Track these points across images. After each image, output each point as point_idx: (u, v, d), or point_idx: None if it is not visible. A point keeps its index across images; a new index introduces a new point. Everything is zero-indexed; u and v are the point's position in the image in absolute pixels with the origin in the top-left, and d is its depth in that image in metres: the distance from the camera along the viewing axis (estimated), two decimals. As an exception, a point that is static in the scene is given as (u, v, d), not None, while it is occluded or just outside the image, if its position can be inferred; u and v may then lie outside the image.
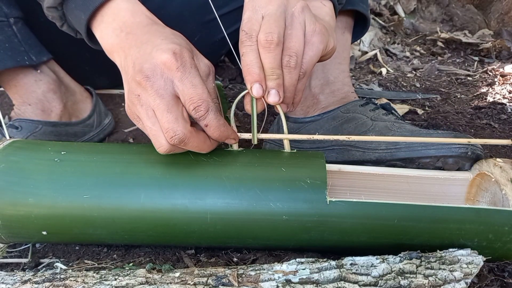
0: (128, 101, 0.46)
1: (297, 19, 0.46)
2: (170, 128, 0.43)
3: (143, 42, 0.45)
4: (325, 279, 0.40)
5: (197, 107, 0.43)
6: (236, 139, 0.49)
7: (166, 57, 0.43)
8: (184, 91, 0.43)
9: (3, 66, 0.65)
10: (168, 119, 0.43)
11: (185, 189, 0.46)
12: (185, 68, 0.43)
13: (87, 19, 0.48)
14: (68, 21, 0.52)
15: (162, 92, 0.43)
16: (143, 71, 0.43)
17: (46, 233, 0.48)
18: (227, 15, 0.76)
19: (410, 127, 0.63)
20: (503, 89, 1.15)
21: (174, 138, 0.43)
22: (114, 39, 0.48)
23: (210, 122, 0.45)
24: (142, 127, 0.46)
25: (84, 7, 0.48)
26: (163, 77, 0.43)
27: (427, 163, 0.58)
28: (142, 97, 0.44)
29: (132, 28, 0.47)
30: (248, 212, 0.46)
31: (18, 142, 0.51)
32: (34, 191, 0.46)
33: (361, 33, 0.78)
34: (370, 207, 0.46)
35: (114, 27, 0.48)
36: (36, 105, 0.71)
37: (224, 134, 0.47)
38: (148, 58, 0.43)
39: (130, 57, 0.45)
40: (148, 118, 0.44)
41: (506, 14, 1.70)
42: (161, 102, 0.43)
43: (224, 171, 0.47)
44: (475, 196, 0.55)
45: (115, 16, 0.48)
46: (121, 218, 0.46)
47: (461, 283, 0.39)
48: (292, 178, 0.46)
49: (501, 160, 0.51)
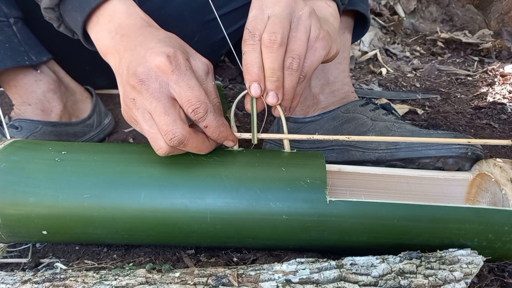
0: (124, 105, 0.45)
1: (303, 23, 0.46)
2: (169, 130, 0.43)
3: (137, 44, 0.45)
4: (325, 279, 0.40)
5: (196, 109, 0.43)
6: (234, 141, 0.49)
7: (160, 60, 0.42)
8: (181, 94, 0.43)
9: (3, 66, 0.65)
10: (167, 121, 0.43)
11: (185, 188, 0.46)
12: (180, 71, 0.43)
13: (83, 21, 0.48)
14: (65, 22, 0.52)
15: (158, 95, 0.43)
16: (137, 74, 0.43)
17: (46, 232, 0.48)
18: (227, 15, 0.76)
19: (410, 127, 0.63)
20: (503, 89, 1.15)
21: (173, 140, 0.43)
22: (109, 41, 0.47)
23: (210, 123, 0.45)
24: (140, 130, 0.46)
25: (80, 8, 0.48)
26: (158, 80, 0.43)
27: (427, 164, 0.58)
28: (137, 100, 0.43)
29: (126, 30, 0.47)
30: (248, 211, 0.46)
31: (19, 142, 0.51)
32: (35, 190, 0.46)
33: (361, 33, 0.78)
34: (370, 207, 0.46)
35: (109, 28, 0.47)
36: (36, 105, 0.71)
37: (223, 134, 0.47)
38: (142, 61, 0.43)
39: (124, 60, 0.45)
40: (145, 121, 0.44)
41: (506, 14, 1.70)
42: (158, 104, 0.42)
43: (224, 171, 0.47)
44: (475, 197, 0.55)
45: (111, 18, 0.48)
46: (121, 218, 0.46)
47: (461, 283, 0.39)
48: (292, 178, 0.46)
49: (501, 160, 0.51)
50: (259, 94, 0.46)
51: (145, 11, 0.50)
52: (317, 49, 0.47)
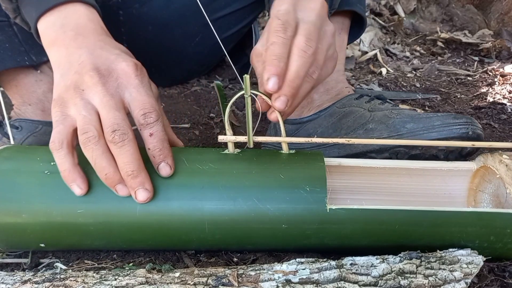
0: (62, 93, 0.43)
1: (327, 39, 0.47)
2: (116, 123, 0.41)
3: (97, 47, 0.45)
4: (325, 279, 0.40)
5: (148, 113, 0.43)
6: (164, 174, 0.45)
7: (127, 65, 0.43)
8: (137, 98, 0.43)
9: (3, 67, 0.65)
10: (116, 115, 0.42)
11: (182, 200, 0.45)
12: (143, 79, 0.44)
13: (37, 16, 0.48)
14: (21, 14, 0.52)
15: (112, 92, 0.43)
16: (99, 69, 0.42)
17: (43, 245, 0.48)
18: (228, 16, 0.76)
19: (409, 112, 0.63)
20: (503, 89, 1.15)
21: (116, 132, 0.41)
22: (60, 35, 0.46)
23: (157, 132, 0.43)
24: (62, 119, 0.43)
25: (37, 4, 0.47)
26: (117, 81, 0.43)
27: (430, 147, 0.58)
28: (86, 92, 0.42)
29: (84, 31, 0.47)
30: (247, 221, 0.45)
31: (6, 151, 0.49)
32: (27, 206, 0.45)
33: (358, 34, 0.78)
34: (370, 213, 0.45)
35: (63, 23, 0.47)
36: (36, 105, 0.71)
37: (165, 152, 0.44)
38: (106, 61, 0.43)
39: (77, 56, 0.44)
40: (85, 109, 0.42)
41: (506, 14, 1.70)
42: (110, 99, 0.42)
43: (221, 180, 0.46)
44: (477, 186, 0.54)
45: (68, 16, 0.47)
46: (118, 231, 0.46)
47: (461, 283, 0.39)
48: (291, 185, 0.45)
49: (507, 157, 0.50)
50: (275, 89, 0.43)
51: (147, 11, 0.51)
52: (328, 68, 0.48)
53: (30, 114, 0.71)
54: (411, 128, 0.60)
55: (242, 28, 0.87)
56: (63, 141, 0.42)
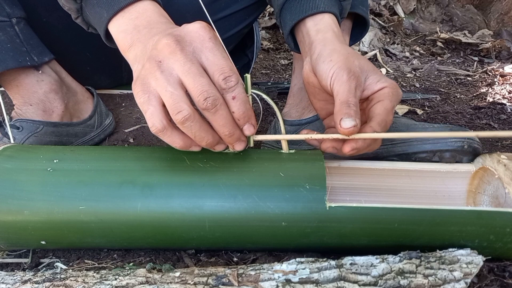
0: (142, 72, 0.43)
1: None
2: (205, 90, 0.40)
3: (168, 28, 0.45)
4: (325, 279, 0.40)
5: (228, 77, 0.42)
6: (255, 126, 0.46)
7: (199, 27, 0.42)
8: (214, 61, 0.42)
9: (4, 67, 0.65)
10: (202, 82, 0.41)
11: (182, 198, 0.45)
12: (216, 41, 0.43)
13: (109, 18, 0.48)
14: (83, 15, 0.51)
15: (191, 57, 0.41)
16: (174, 34, 0.42)
17: (44, 242, 0.48)
18: (229, 17, 0.77)
19: (405, 120, 0.63)
20: (503, 89, 1.15)
21: (208, 100, 0.41)
22: (135, 34, 0.46)
23: (239, 94, 0.43)
24: (148, 99, 0.42)
25: (107, 5, 0.47)
26: (192, 45, 0.42)
27: (424, 158, 0.58)
28: (164, 62, 0.41)
29: (156, 25, 0.47)
30: (247, 219, 0.45)
31: (9, 149, 0.50)
32: (29, 203, 0.45)
33: (360, 35, 0.78)
34: (370, 212, 0.45)
35: (137, 24, 0.47)
36: (37, 105, 0.71)
37: (249, 113, 0.44)
38: (177, 29, 0.43)
39: (151, 41, 0.44)
40: (169, 83, 0.41)
41: (506, 14, 1.70)
42: (192, 66, 0.41)
43: (221, 178, 0.46)
44: (477, 188, 0.55)
45: (140, 15, 0.48)
46: (119, 228, 0.46)
47: (461, 283, 0.39)
48: (291, 183, 0.46)
49: (505, 157, 0.50)
50: (350, 134, 0.46)
51: None
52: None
53: (31, 114, 0.71)
54: (405, 138, 0.59)
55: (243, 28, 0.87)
56: (162, 121, 0.42)
